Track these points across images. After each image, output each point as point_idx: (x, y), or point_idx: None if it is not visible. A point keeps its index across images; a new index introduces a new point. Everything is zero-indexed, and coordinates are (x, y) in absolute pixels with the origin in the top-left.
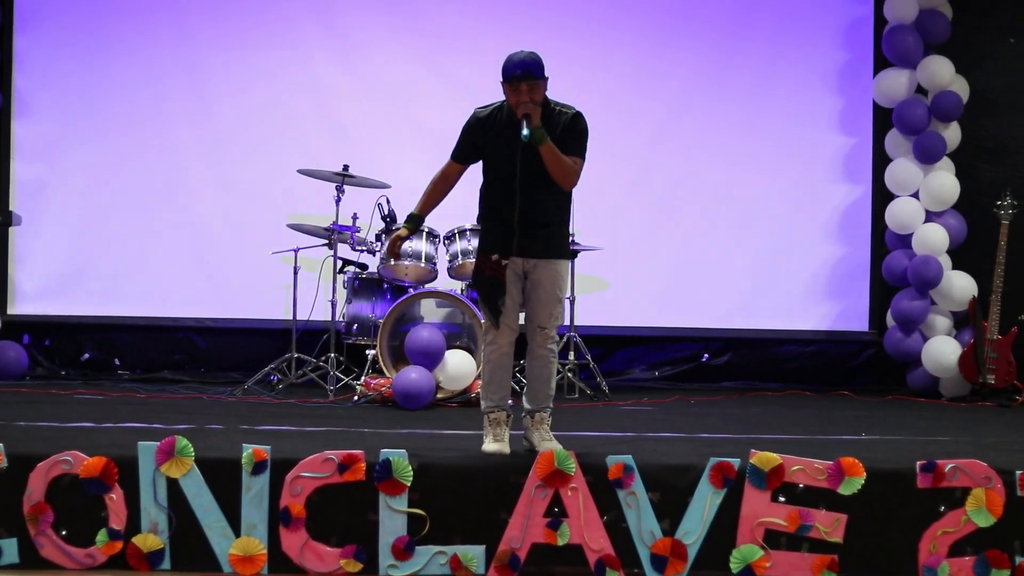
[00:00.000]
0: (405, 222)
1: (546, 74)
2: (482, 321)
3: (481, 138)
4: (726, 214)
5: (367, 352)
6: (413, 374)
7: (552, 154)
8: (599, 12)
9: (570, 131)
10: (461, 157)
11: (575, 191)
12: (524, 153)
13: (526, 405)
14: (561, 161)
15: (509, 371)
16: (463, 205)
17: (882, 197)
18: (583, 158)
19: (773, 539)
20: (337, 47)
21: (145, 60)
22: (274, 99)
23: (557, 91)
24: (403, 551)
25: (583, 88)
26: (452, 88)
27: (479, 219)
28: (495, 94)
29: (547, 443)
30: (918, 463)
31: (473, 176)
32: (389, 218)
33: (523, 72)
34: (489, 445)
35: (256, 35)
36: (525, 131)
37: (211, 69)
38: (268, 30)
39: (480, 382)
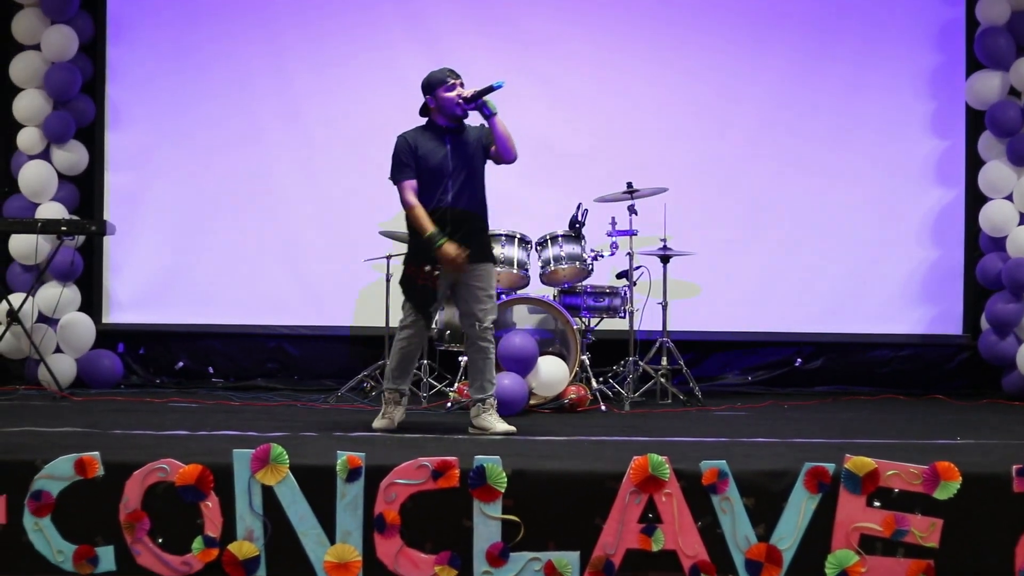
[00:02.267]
0: (440, 238)
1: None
2: (404, 319)
3: (412, 157)
4: (818, 218)
5: (460, 359)
6: (506, 380)
7: (501, 125)
8: (691, 19)
9: (487, 134)
10: (412, 174)
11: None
12: (453, 166)
13: (474, 395)
14: (508, 131)
15: (415, 362)
16: (555, 211)
17: (975, 200)
18: None
19: (868, 544)
20: (423, 49)
21: (235, 67)
22: (364, 103)
23: (646, 99)
24: (497, 557)
25: (673, 96)
26: (543, 94)
27: (408, 229)
28: (583, 99)
29: (500, 425)
30: (1014, 467)
31: (562, 184)
32: None
33: (454, 74)
34: (378, 422)
35: (345, 38)
36: (488, 98)
37: (300, 74)
38: (357, 33)
39: (571, 386)
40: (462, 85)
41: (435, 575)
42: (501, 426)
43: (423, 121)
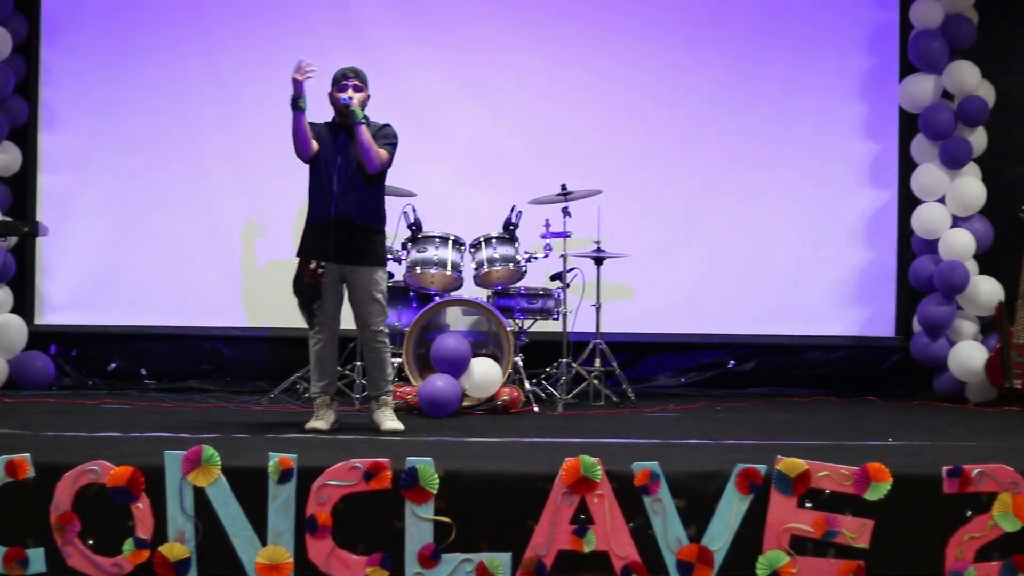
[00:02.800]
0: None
1: (368, 91)
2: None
3: (314, 132)
4: (752, 221)
5: (393, 360)
6: (439, 382)
7: (366, 135)
8: (624, 21)
9: (379, 135)
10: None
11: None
12: (340, 163)
13: (368, 392)
14: (372, 142)
15: (333, 361)
16: (489, 213)
17: (908, 202)
18: (391, 156)
19: (799, 545)
20: (361, 58)
21: (171, 71)
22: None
23: (580, 102)
24: (429, 559)
25: (607, 99)
26: (478, 97)
27: (306, 222)
28: (518, 102)
29: (389, 423)
30: (944, 468)
31: (496, 186)
32: (415, 226)
33: (353, 74)
34: (311, 423)
35: (280, 46)
36: (354, 107)
37: (236, 80)
38: (292, 38)
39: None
40: (356, 86)
41: None
42: (389, 424)
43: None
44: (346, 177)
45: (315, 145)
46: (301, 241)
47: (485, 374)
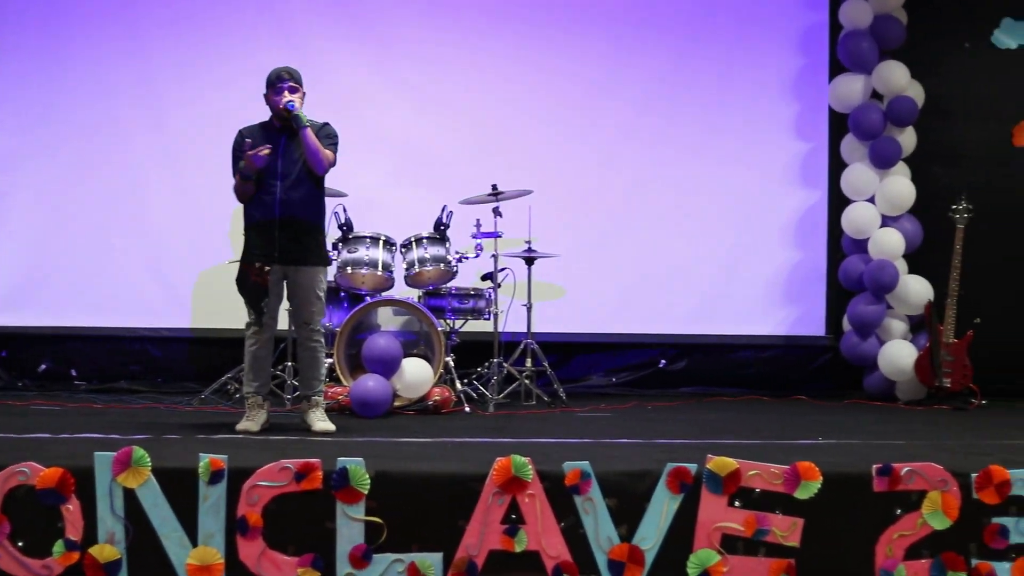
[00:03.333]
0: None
1: (304, 89)
2: (246, 317)
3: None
4: (683, 221)
5: (325, 361)
6: (370, 382)
7: (311, 138)
8: (556, 20)
9: (320, 134)
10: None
11: (531, 199)
12: (283, 166)
13: (301, 392)
14: (319, 144)
15: (268, 362)
16: (420, 213)
17: (838, 202)
18: (335, 153)
19: (730, 544)
20: (291, 55)
21: (99, 70)
22: (228, 109)
23: (511, 102)
24: (360, 559)
25: (539, 98)
26: (409, 97)
27: (245, 228)
28: (449, 102)
29: (320, 423)
30: (874, 467)
31: (426, 186)
32: (346, 227)
33: (288, 75)
34: (241, 424)
35: (210, 45)
36: (297, 112)
37: (165, 80)
38: (222, 40)
39: (434, 389)
40: (292, 87)
41: None
42: (320, 425)
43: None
44: (289, 178)
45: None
46: (245, 243)
47: (416, 374)
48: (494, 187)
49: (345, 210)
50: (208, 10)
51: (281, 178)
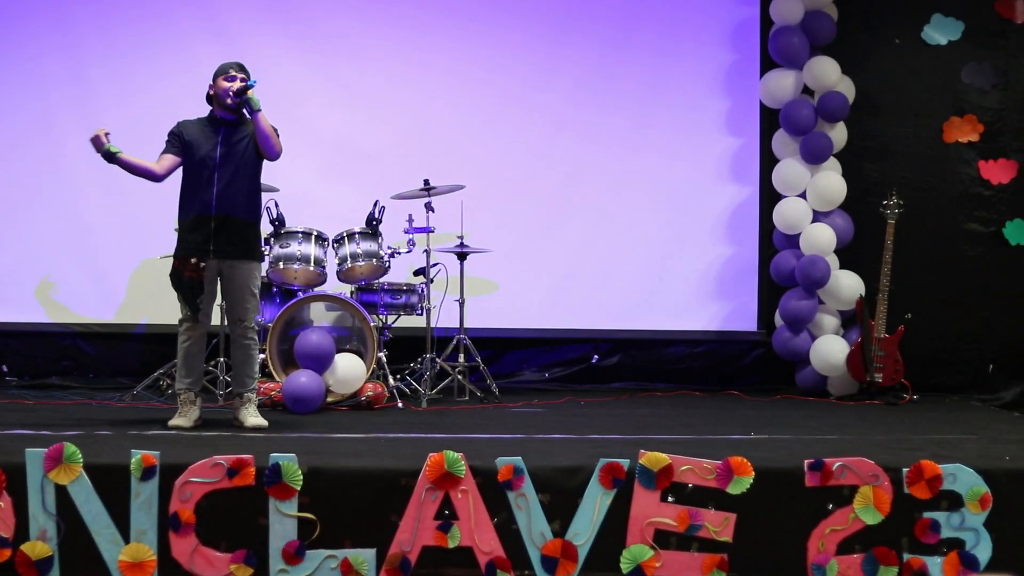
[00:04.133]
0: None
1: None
2: (183, 313)
3: (178, 141)
4: (615, 215)
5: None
6: (303, 378)
7: (265, 121)
8: (487, 13)
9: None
10: (170, 152)
11: (463, 194)
12: (220, 158)
13: (234, 389)
14: (271, 129)
15: (201, 358)
16: (352, 208)
17: (770, 197)
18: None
19: (663, 539)
20: (224, 52)
21: (27, 58)
22: (161, 105)
23: (443, 96)
24: (293, 555)
25: (470, 93)
26: (340, 92)
27: (179, 217)
28: (380, 97)
29: (253, 419)
30: (806, 462)
31: (358, 181)
32: (277, 221)
33: (238, 67)
34: (174, 420)
35: (143, 42)
36: (251, 95)
37: (97, 74)
38: (153, 29)
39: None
40: (243, 80)
41: (231, 574)
42: (252, 420)
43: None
44: (228, 172)
45: (167, 162)
46: (179, 238)
47: (349, 370)
48: (426, 182)
49: (277, 205)
50: (141, 5)
51: (219, 173)
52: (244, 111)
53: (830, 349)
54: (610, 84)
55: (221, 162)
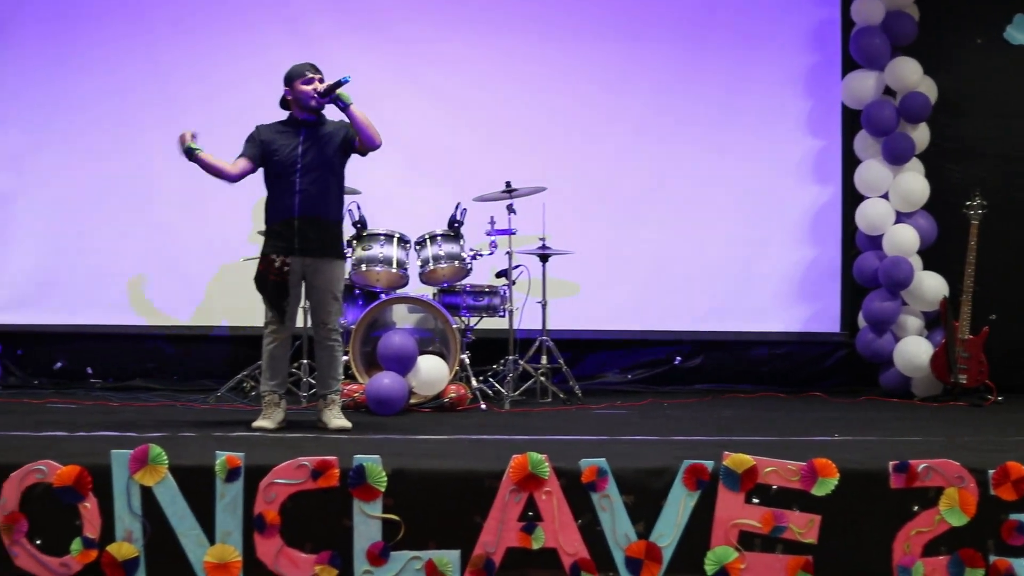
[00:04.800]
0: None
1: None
2: (267, 316)
3: (257, 145)
4: (697, 217)
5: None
6: (386, 380)
7: (360, 113)
8: (569, 17)
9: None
10: (248, 154)
11: (545, 196)
12: (304, 160)
13: (318, 390)
14: (366, 119)
15: (285, 360)
16: (434, 211)
17: (852, 199)
18: None
19: (747, 541)
20: (303, 53)
21: (111, 67)
22: (242, 105)
23: (525, 98)
24: (378, 556)
25: (550, 95)
26: (421, 94)
27: (265, 220)
28: (462, 99)
29: (337, 420)
30: (891, 463)
31: (440, 183)
32: (360, 224)
33: (314, 69)
34: (258, 422)
35: (222, 40)
36: (342, 87)
37: (179, 76)
38: (233, 35)
39: (449, 386)
40: (320, 82)
41: (315, 575)
42: (336, 422)
43: (286, 115)
44: (310, 173)
45: (242, 164)
46: (265, 241)
47: (432, 372)
48: (508, 184)
49: (359, 207)
50: (220, 7)
51: (301, 174)
52: (337, 106)
53: (914, 350)
54: (691, 86)
55: (303, 163)
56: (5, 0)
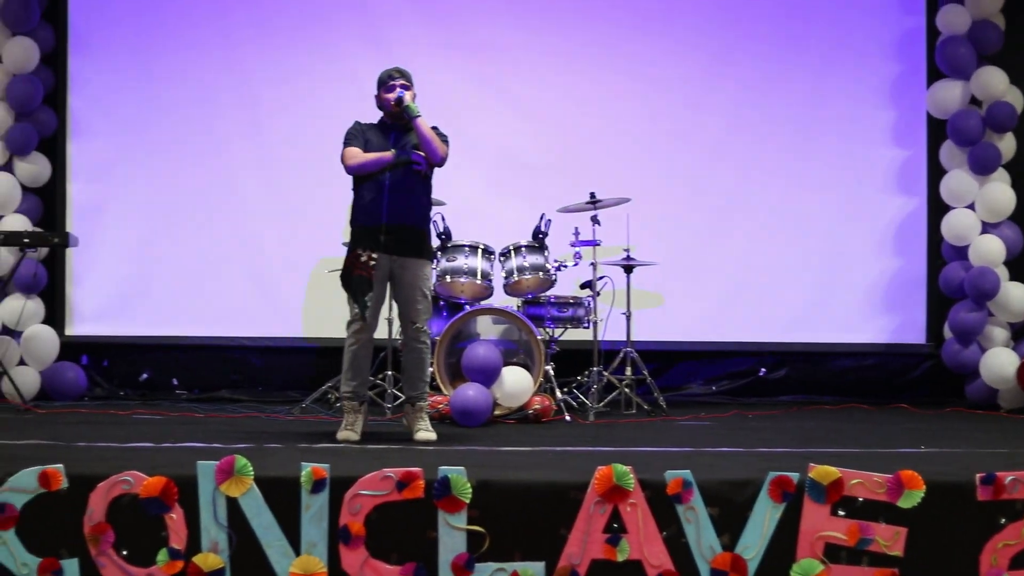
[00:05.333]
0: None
1: (414, 90)
2: (352, 314)
3: (361, 137)
4: (781, 228)
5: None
6: (470, 391)
7: (425, 127)
8: (652, 28)
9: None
10: (358, 144)
11: (629, 207)
12: (391, 164)
13: (405, 392)
14: (432, 134)
15: (367, 363)
16: (518, 222)
17: (937, 209)
18: (447, 145)
19: (833, 553)
20: (385, 62)
21: (196, 77)
22: (324, 113)
23: (609, 109)
24: (463, 568)
25: (636, 106)
26: (504, 103)
27: (351, 222)
28: (546, 111)
29: (423, 432)
30: (978, 475)
31: (524, 194)
32: (444, 235)
33: (399, 74)
34: (341, 433)
35: (304, 51)
36: (408, 102)
37: (261, 87)
38: (317, 44)
39: (533, 397)
40: (404, 85)
41: None
42: (422, 434)
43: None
44: (398, 176)
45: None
46: (351, 239)
47: (516, 383)
48: (592, 195)
49: (443, 219)
50: (301, 13)
51: (390, 177)
52: (405, 116)
53: (1000, 362)
54: (775, 96)
55: (392, 167)
56: (91, 12)
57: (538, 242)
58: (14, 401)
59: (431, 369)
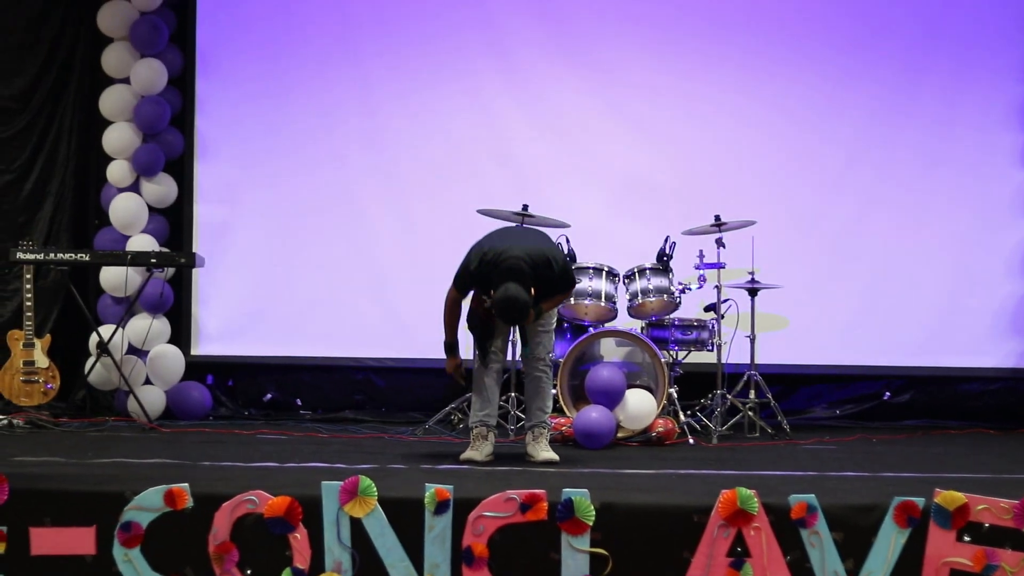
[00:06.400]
0: (450, 354)
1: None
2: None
3: (471, 280)
4: (906, 250)
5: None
6: (594, 413)
7: (548, 307)
8: (778, 51)
9: (560, 281)
10: (463, 290)
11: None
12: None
13: (525, 421)
14: (550, 308)
15: (495, 391)
16: (642, 244)
17: None
18: (572, 287)
19: None
20: (512, 85)
21: (320, 98)
22: (451, 139)
23: (734, 133)
24: None
25: (760, 128)
26: (629, 126)
27: (477, 264)
28: (670, 133)
29: (545, 453)
30: None
31: (649, 217)
32: (569, 257)
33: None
34: (466, 454)
35: (431, 75)
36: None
37: (388, 111)
38: (443, 71)
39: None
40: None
41: None
42: (544, 455)
43: None
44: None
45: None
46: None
47: (639, 405)
48: (717, 218)
49: (568, 240)
50: (427, 34)
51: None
52: None
53: None
54: (901, 118)
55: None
56: (218, 34)
57: (663, 264)
58: (139, 420)
59: (554, 391)
